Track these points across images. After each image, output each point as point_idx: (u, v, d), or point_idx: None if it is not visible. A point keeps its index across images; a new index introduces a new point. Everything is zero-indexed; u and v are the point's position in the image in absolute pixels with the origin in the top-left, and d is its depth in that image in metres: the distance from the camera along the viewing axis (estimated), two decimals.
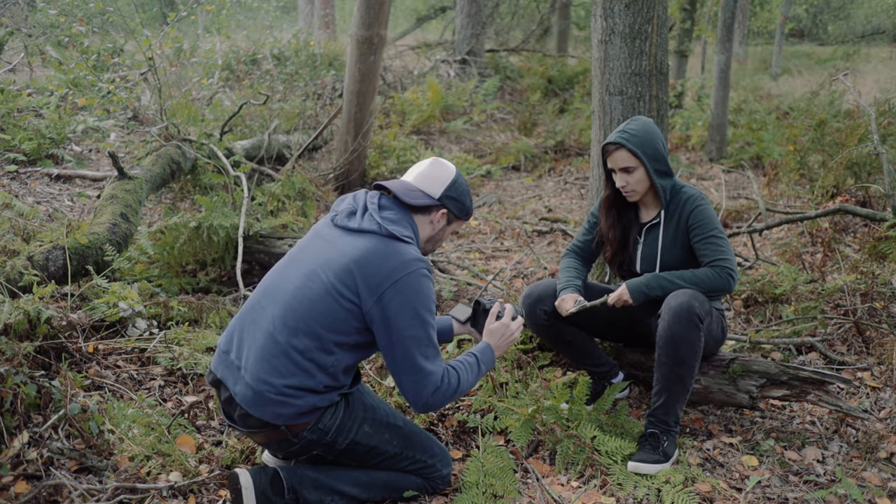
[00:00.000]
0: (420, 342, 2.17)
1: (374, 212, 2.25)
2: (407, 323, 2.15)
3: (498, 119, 9.80)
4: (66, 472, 2.26)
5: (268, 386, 2.15)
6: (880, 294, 3.71)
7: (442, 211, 2.37)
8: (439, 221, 2.38)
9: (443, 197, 2.35)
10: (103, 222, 3.78)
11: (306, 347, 2.16)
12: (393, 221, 2.25)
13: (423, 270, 2.18)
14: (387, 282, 2.13)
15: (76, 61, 6.57)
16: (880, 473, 2.63)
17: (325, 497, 2.30)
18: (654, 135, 2.76)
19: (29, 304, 2.80)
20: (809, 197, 5.44)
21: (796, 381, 2.80)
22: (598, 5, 3.44)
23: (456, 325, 2.65)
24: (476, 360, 2.38)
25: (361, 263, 2.16)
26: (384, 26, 5.97)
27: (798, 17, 22.73)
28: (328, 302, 2.16)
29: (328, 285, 2.17)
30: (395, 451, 2.35)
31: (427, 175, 2.37)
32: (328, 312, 2.16)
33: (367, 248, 2.18)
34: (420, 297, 2.17)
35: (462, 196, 2.40)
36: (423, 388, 2.18)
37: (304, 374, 2.17)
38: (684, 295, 2.61)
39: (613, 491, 2.50)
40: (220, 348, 2.32)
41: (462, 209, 2.41)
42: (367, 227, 2.22)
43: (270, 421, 2.18)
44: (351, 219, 2.27)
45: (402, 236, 2.22)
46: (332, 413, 2.25)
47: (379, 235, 2.21)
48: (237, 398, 2.20)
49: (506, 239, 5.61)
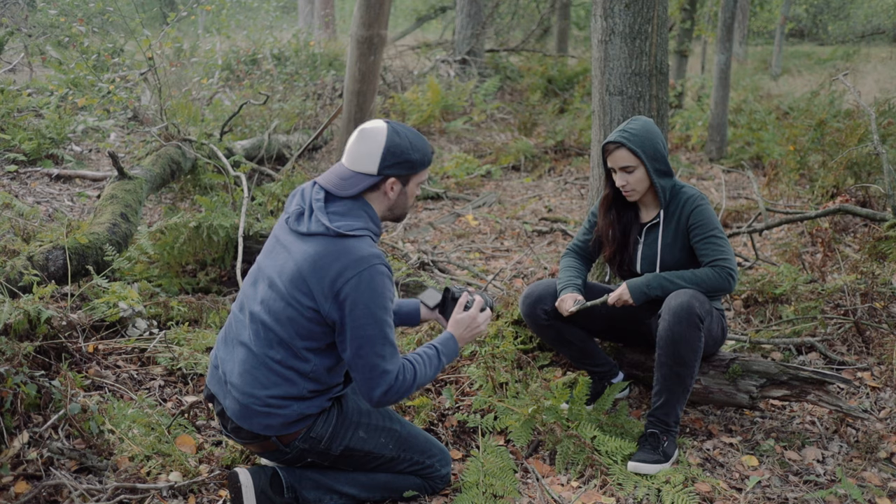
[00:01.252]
0: (375, 341, 2.11)
1: (319, 211, 2.15)
2: (362, 322, 2.09)
3: (498, 119, 9.79)
4: (66, 472, 2.26)
5: (253, 398, 2.16)
6: (880, 294, 3.71)
7: (391, 180, 2.20)
8: (393, 189, 2.22)
9: (382, 170, 2.17)
10: (103, 222, 3.78)
11: (283, 357, 2.16)
12: (341, 215, 2.16)
13: (377, 267, 2.10)
14: (339, 281, 2.08)
15: (76, 61, 6.57)
16: (880, 473, 2.63)
17: (323, 496, 2.31)
18: (654, 134, 2.76)
19: (29, 304, 2.80)
20: (809, 197, 5.44)
21: (796, 381, 2.80)
22: (598, 5, 3.44)
23: (424, 310, 2.59)
24: (437, 351, 2.31)
25: (313, 269, 2.10)
26: (384, 26, 5.97)
27: (798, 17, 22.72)
28: (290, 312, 2.13)
29: (286, 295, 2.14)
30: (392, 455, 2.34)
31: (356, 153, 2.19)
32: (293, 321, 2.13)
33: (316, 253, 2.11)
34: (374, 294, 2.09)
35: (404, 155, 2.18)
36: (376, 387, 2.13)
37: (286, 382, 2.16)
38: (685, 295, 2.61)
39: (613, 491, 2.50)
40: (211, 363, 2.33)
41: (411, 166, 2.21)
42: (315, 229, 2.14)
43: (260, 433, 2.19)
44: (300, 221, 2.19)
45: (352, 232, 2.12)
46: (325, 420, 2.24)
47: (327, 237, 2.12)
48: (228, 412, 2.22)
49: (506, 239, 5.61)
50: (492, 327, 3.20)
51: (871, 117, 4.40)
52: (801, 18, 23.19)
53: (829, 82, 7.70)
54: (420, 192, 2.89)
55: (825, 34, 23.02)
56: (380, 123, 2.20)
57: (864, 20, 21.75)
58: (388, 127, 2.19)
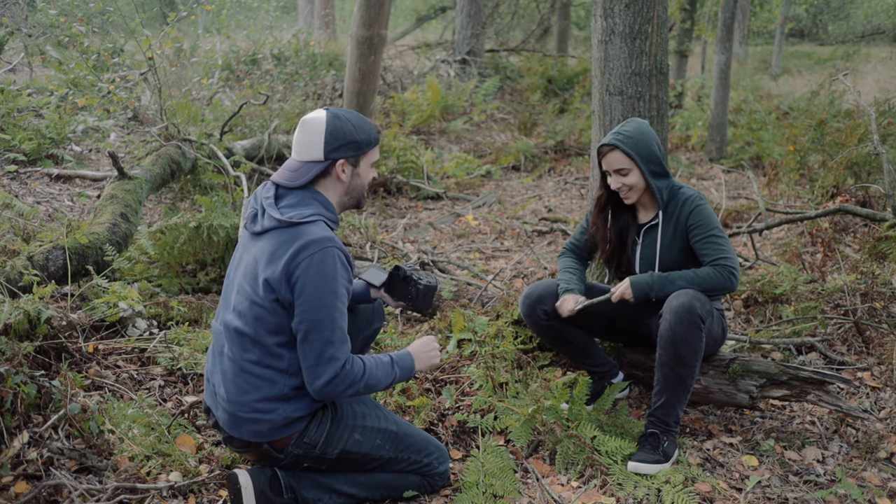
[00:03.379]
0: (324, 325, 2.09)
1: (269, 208, 2.18)
2: (311, 305, 2.08)
3: (498, 119, 9.79)
4: (66, 472, 2.26)
5: (238, 405, 2.18)
6: (880, 294, 3.71)
7: (339, 163, 2.22)
8: (344, 172, 2.24)
9: (328, 154, 2.20)
10: (103, 222, 3.78)
11: (258, 357, 2.17)
12: (292, 207, 2.18)
13: (329, 250, 2.09)
14: (292, 265, 2.09)
15: (76, 61, 6.57)
16: (880, 473, 2.63)
17: (323, 496, 2.31)
18: (648, 136, 2.76)
19: (29, 304, 2.80)
20: (809, 197, 5.43)
21: (796, 381, 2.80)
22: (598, 5, 3.44)
23: (372, 290, 2.58)
24: (391, 360, 2.27)
25: (270, 260, 2.12)
26: (384, 26, 5.97)
27: (798, 17, 22.72)
28: (255, 310, 2.15)
29: (251, 293, 2.16)
30: (389, 456, 2.34)
31: (301, 143, 2.22)
32: (259, 319, 2.15)
33: (272, 245, 2.14)
34: (324, 277, 2.09)
35: (348, 137, 2.21)
36: (322, 374, 2.10)
37: (266, 383, 2.17)
38: (686, 295, 2.61)
39: (613, 491, 2.50)
40: (206, 376, 2.37)
41: (357, 146, 2.23)
42: (268, 225, 2.17)
43: (251, 440, 2.21)
44: (255, 222, 2.23)
45: (304, 219, 2.14)
46: (318, 425, 2.25)
47: (280, 229, 2.15)
48: (220, 423, 2.25)
49: (506, 239, 5.60)
50: (492, 327, 3.20)
51: (871, 117, 4.40)
52: (801, 18, 23.19)
53: (829, 82, 7.70)
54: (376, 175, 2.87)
55: (825, 34, 23.02)
56: (320, 112, 2.23)
57: (864, 20, 21.75)
58: (327, 113, 2.23)
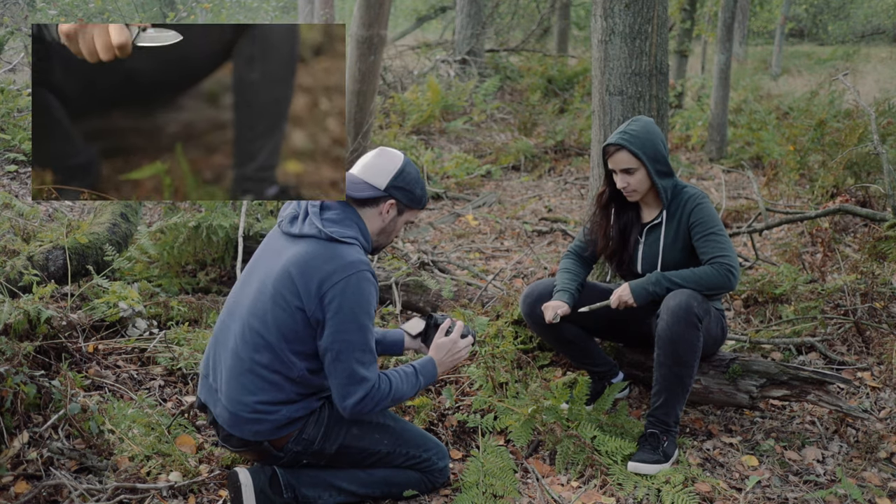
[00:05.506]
0: (355, 346, 2.14)
1: (314, 215, 2.21)
2: (345, 326, 2.12)
3: (498, 119, 9.79)
4: (66, 472, 2.26)
5: (241, 405, 2.18)
6: (880, 294, 3.71)
7: (390, 201, 2.29)
8: (388, 212, 2.31)
9: (389, 187, 2.27)
10: (103, 222, 3.78)
11: (269, 361, 2.17)
12: (335, 222, 2.21)
13: (364, 273, 2.14)
14: (326, 284, 2.11)
15: None
16: (880, 473, 2.63)
17: (322, 493, 2.32)
18: (655, 135, 2.76)
19: (29, 304, 2.80)
20: (809, 197, 5.44)
21: (796, 381, 2.80)
22: (598, 5, 3.44)
23: (407, 339, 2.63)
24: (415, 371, 2.33)
25: (301, 269, 2.14)
26: (384, 26, 5.97)
27: (798, 17, 22.72)
28: (277, 312, 2.15)
29: (275, 295, 2.16)
30: (387, 450, 2.35)
31: (372, 165, 2.29)
32: (280, 323, 2.15)
33: (306, 253, 2.15)
34: (359, 301, 2.13)
35: (411, 185, 2.30)
36: (353, 393, 2.14)
37: (273, 388, 2.18)
38: (682, 295, 2.60)
39: (613, 491, 2.50)
40: (202, 372, 2.35)
41: (412, 198, 2.32)
42: (307, 231, 2.19)
43: (251, 439, 2.21)
44: (293, 224, 2.24)
45: (343, 238, 2.17)
46: (316, 421, 2.26)
47: (318, 239, 2.17)
48: (218, 420, 2.25)
49: (506, 239, 5.61)
50: (492, 327, 3.20)
51: (870, 117, 4.40)
52: (801, 18, 23.19)
53: (829, 82, 7.70)
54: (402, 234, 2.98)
55: (825, 34, 23.02)
56: (399, 152, 2.34)
57: (864, 20, 21.77)
58: (405, 156, 2.33)
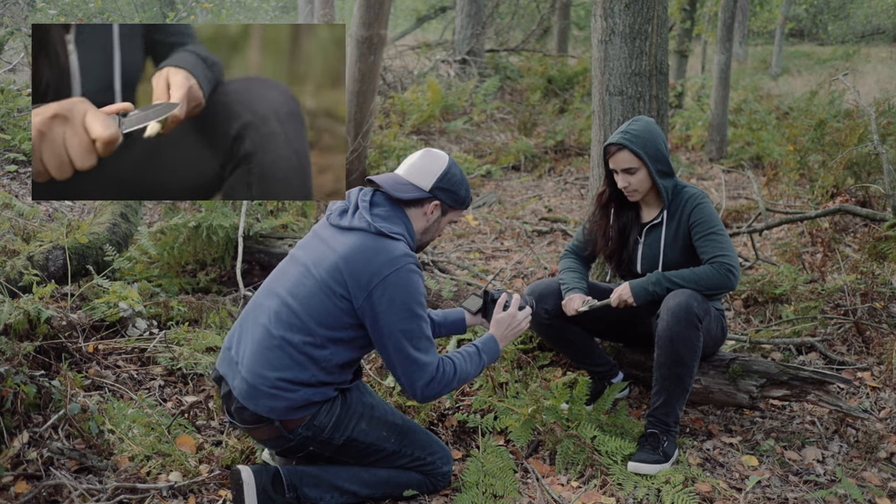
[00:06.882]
0: (412, 335, 2.20)
1: (364, 210, 2.27)
2: (398, 317, 2.18)
3: (498, 119, 9.79)
4: (66, 472, 2.26)
5: (261, 378, 2.20)
6: (880, 294, 3.71)
7: (434, 202, 2.35)
8: (433, 213, 2.37)
9: (434, 189, 2.33)
10: (103, 222, 3.78)
11: (301, 342, 2.20)
12: (383, 218, 2.27)
13: (411, 266, 2.21)
14: (376, 278, 2.17)
15: None
16: (880, 473, 2.63)
17: (324, 494, 2.31)
18: (656, 135, 2.76)
19: (29, 304, 2.80)
20: (809, 197, 5.43)
21: (796, 381, 2.80)
22: (598, 5, 3.44)
23: (468, 317, 2.68)
24: (477, 349, 2.40)
25: (349, 261, 2.19)
26: (384, 26, 5.96)
27: (798, 17, 22.71)
28: (320, 298, 2.20)
29: (320, 282, 2.21)
30: (393, 449, 2.36)
31: (418, 167, 2.36)
32: (321, 309, 2.20)
33: (355, 246, 2.21)
34: (409, 292, 2.19)
35: (455, 186, 2.37)
36: (417, 379, 2.22)
37: (297, 367, 2.20)
38: (682, 295, 2.60)
39: (613, 491, 2.50)
40: (224, 345, 2.38)
41: (456, 199, 2.39)
42: (357, 224, 2.25)
43: (264, 415, 2.21)
44: (343, 217, 2.31)
45: (391, 233, 2.24)
46: (329, 410, 2.27)
47: (367, 233, 2.23)
48: (234, 392, 2.25)
49: (506, 239, 5.61)
50: None
51: (870, 117, 4.40)
52: (801, 18, 23.18)
53: (829, 82, 7.70)
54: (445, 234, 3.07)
55: (825, 34, 23.01)
56: (444, 153, 2.39)
57: (864, 20, 21.76)
58: (450, 157, 2.39)
